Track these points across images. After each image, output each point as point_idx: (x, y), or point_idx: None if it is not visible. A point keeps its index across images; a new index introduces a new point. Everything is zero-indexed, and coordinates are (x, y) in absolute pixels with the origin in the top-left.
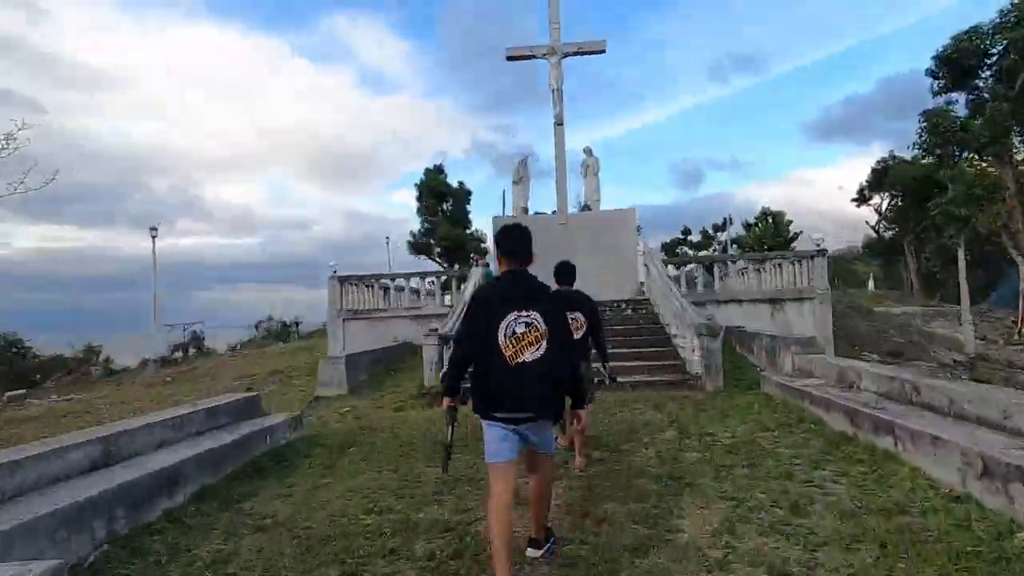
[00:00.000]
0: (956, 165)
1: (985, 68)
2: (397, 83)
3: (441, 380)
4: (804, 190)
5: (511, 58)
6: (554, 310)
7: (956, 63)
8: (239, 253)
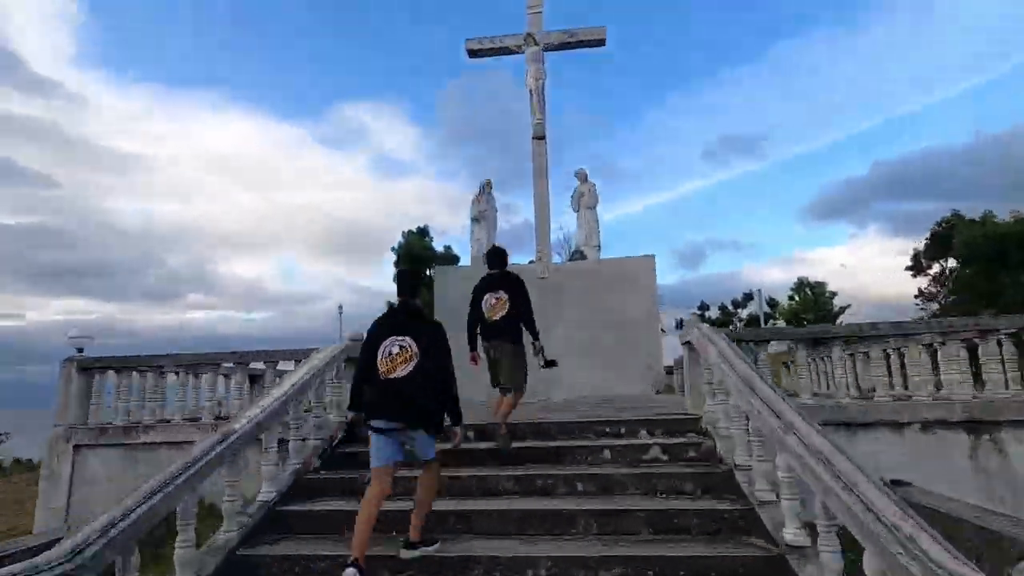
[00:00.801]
0: None
1: None
2: (408, 166)
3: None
4: (806, 269)
5: (473, 53)
6: (429, 336)
7: None
8: (250, 327)
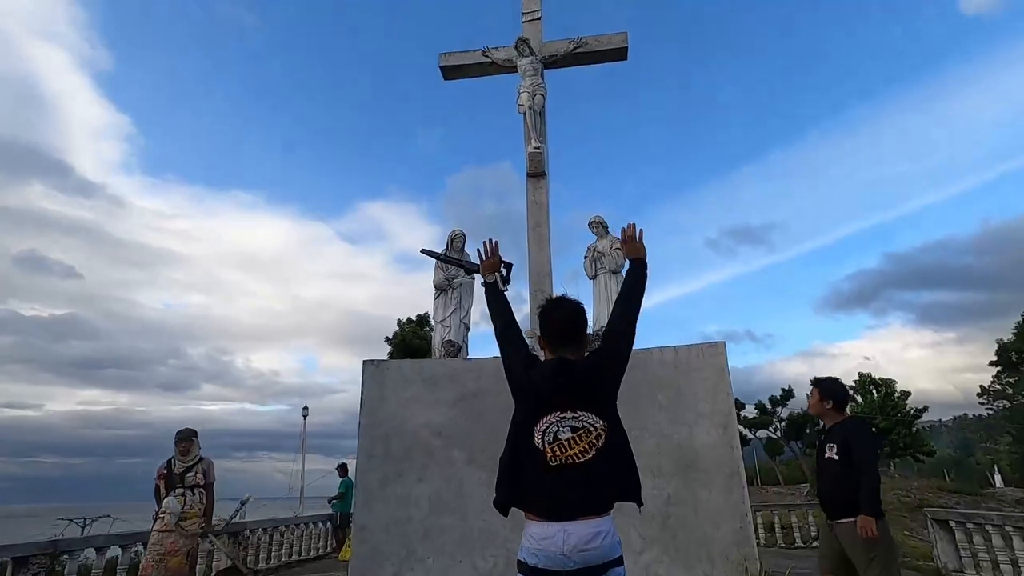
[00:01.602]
0: None
1: None
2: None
3: None
4: (828, 362)
5: (449, 71)
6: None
7: None
8: (264, 421)
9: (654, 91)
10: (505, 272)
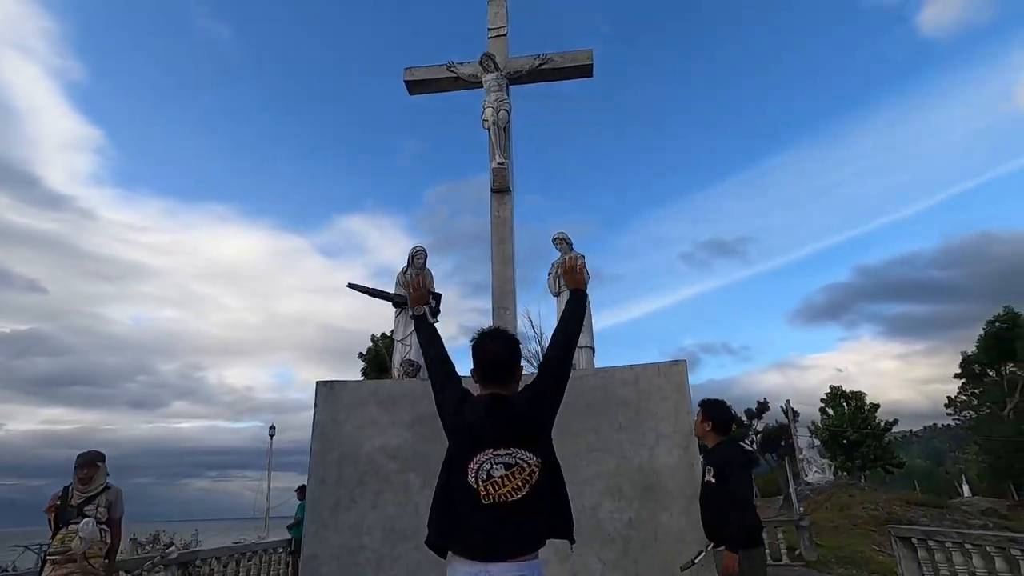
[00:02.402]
0: None
1: None
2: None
3: None
4: (802, 374)
5: (414, 86)
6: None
7: None
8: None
9: (630, 103)
10: (434, 304)
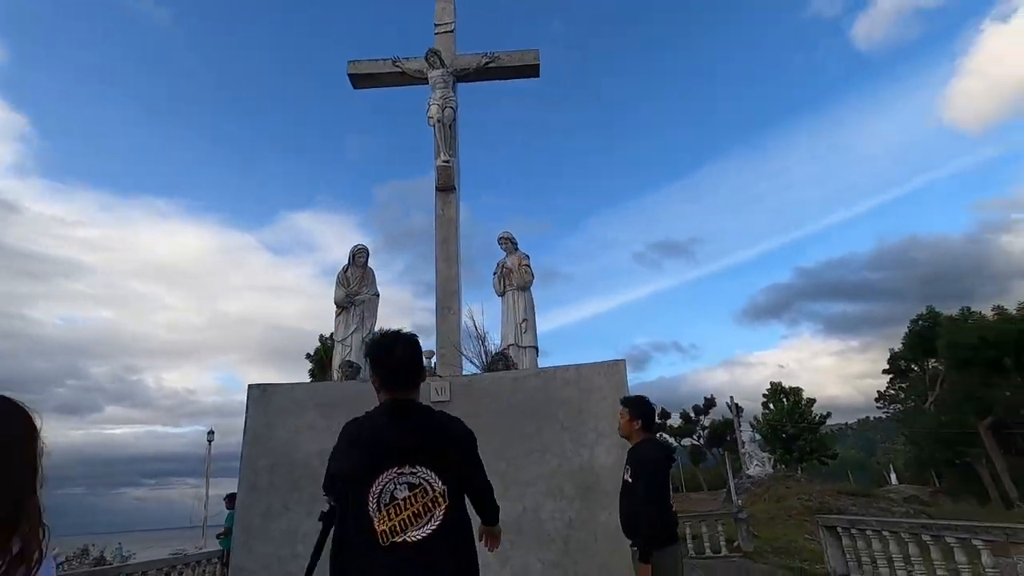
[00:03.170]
0: None
1: None
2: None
3: None
4: (747, 371)
5: (359, 79)
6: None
7: None
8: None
9: (581, 105)
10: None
